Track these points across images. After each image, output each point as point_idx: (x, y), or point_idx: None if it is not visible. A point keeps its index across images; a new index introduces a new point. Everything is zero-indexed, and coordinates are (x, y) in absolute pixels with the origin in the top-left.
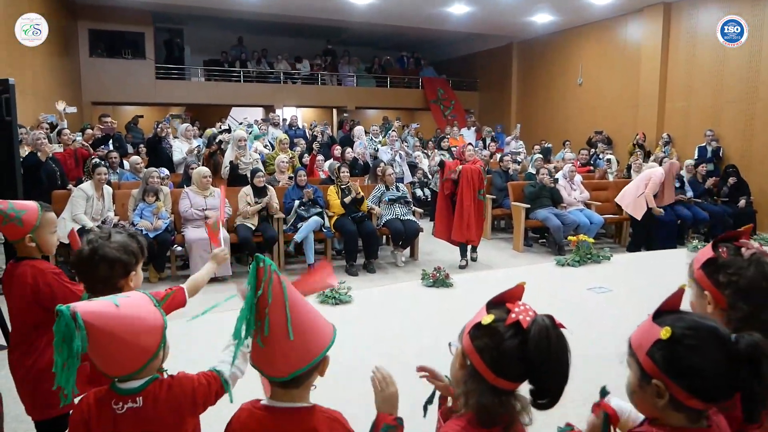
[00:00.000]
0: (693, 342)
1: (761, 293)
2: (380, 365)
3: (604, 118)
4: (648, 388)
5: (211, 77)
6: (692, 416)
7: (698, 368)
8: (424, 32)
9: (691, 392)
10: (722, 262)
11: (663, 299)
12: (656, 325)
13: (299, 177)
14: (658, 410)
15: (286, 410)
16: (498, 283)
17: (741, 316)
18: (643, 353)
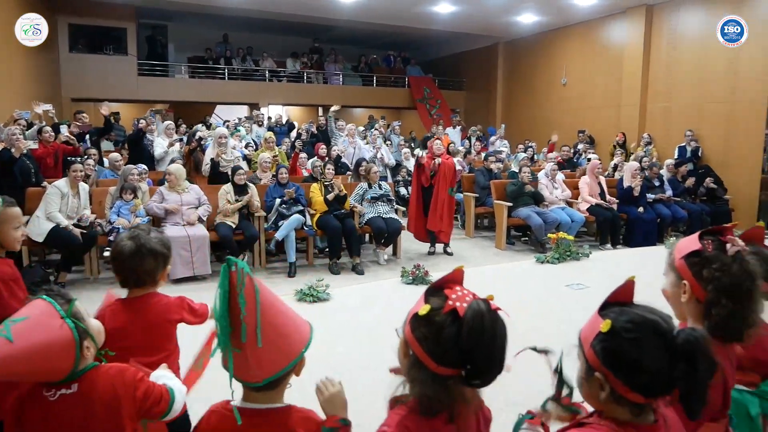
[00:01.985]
0: (632, 336)
1: (743, 292)
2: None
3: (588, 118)
4: (592, 380)
5: (195, 74)
6: (635, 410)
7: (637, 362)
8: (410, 31)
9: (630, 386)
10: (707, 257)
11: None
12: (600, 318)
13: (281, 175)
14: (601, 403)
15: (262, 411)
16: (478, 280)
17: (725, 314)
18: (588, 345)
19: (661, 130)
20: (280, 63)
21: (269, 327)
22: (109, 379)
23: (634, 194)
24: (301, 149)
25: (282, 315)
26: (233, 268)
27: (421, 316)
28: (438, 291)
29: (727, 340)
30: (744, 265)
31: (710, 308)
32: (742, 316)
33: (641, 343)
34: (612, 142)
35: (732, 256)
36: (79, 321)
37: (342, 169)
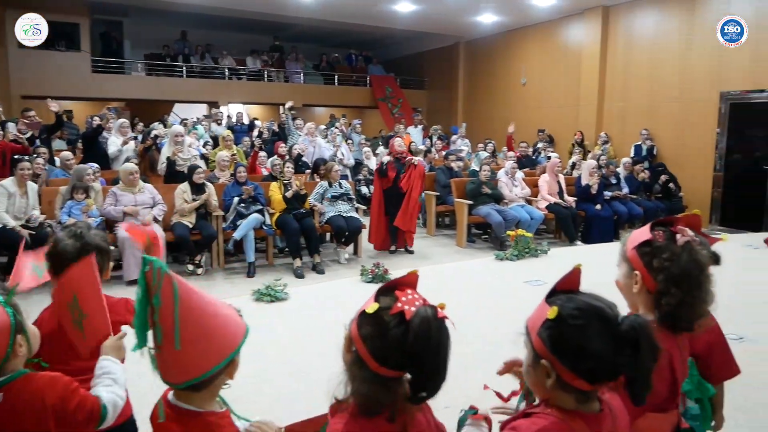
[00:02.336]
0: (578, 322)
1: (692, 281)
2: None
3: (547, 118)
4: (538, 367)
5: (152, 72)
6: (581, 398)
7: (582, 348)
8: (372, 30)
9: (576, 372)
10: (657, 246)
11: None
12: (547, 305)
13: (239, 173)
14: (548, 391)
15: (183, 412)
16: (438, 278)
17: (675, 303)
18: (535, 333)
19: (618, 129)
20: (240, 61)
21: (190, 329)
22: (39, 390)
23: (592, 192)
24: (260, 148)
25: (207, 316)
26: (147, 268)
27: (368, 314)
28: (389, 291)
29: (677, 330)
30: (693, 255)
31: (660, 298)
32: (691, 306)
33: (587, 330)
34: (571, 141)
35: (681, 246)
36: (17, 313)
37: (302, 168)
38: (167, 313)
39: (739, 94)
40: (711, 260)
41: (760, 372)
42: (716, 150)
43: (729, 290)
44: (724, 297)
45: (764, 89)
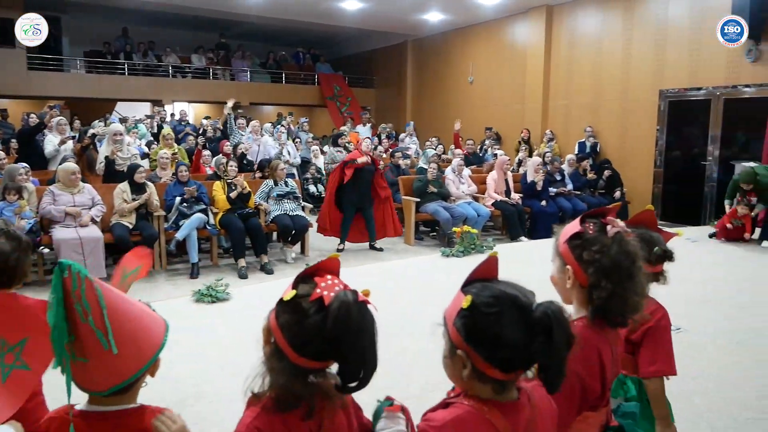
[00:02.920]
0: (492, 310)
1: (623, 273)
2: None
3: (494, 116)
4: (455, 358)
5: (92, 69)
6: (497, 387)
7: (496, 336)
8: (320, 28)
9: (491, 361)
10: (587, 239)
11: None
12: (462, 294)
13: (180, 172)
14: (465, 381)
15: (109, 414)
16: (384, 275)
17: (605, 296)
18: (451, 323)
19: (562, 127)
20: (184, 59)
21: (120, 331)
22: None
23: (537, 188)
24: (203, 146)
25: (133, 316)
26: (66, 273)
27: (285, 301)
28: (308, 278)
29: (611, 325)
30: (623, 246)
31: (592, 291)
32: (622, 298)
33: (501, 318)
34: (517, 139)
35: (611, 237)
36: None
37: (247, 167)
38: (97, 317)
39: (678, 92)
40: (662, 256)
41: (694, 361)
42: (656, 147)
43: (668, 283)
44: (663, 290)
45: (701, 87)
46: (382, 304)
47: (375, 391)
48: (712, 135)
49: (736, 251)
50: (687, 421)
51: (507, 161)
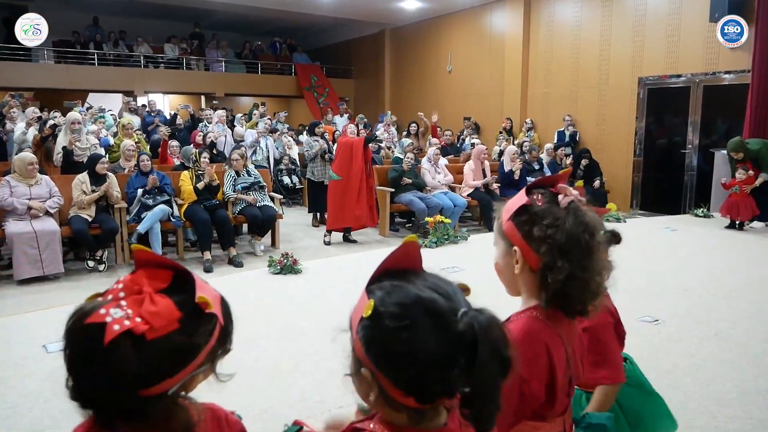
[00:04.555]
0: (399, 322)
1: (582, 249)
2: None
3: (473, 105)
4: (360, 376)
5: (61, 60)
6: (414, 416)
7: (405, 356)
8: (296, 17)
9: (400, 387)
10: (536, 212)
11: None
12: (366, 296)
13: (142, 162)
14: (372, 405)
15: None
16: (355, 267)
17: (563, 278)
18: (355, 331)
19: (541, 116)
20: (157, 49)
21: None
22: None
23: (515, 178)
24: (170, 136)
25: None
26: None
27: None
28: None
29: (569, 314)
30: (579, 217)
31: (546, 274)
32: (583, 281)
33: (410, 332)
34: (497, 128)
35: (565, 207)
36: None
37: (217, 158)
38: None
39: (657, 79)
40: (610, 239)
41: (669, 354)
42: (635, 135)
43: (646, 273)
44: (641, 279)
45: (680, 74)
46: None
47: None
48: (691, 122)
49: (714, 239)
50: None
51: (484, 150)
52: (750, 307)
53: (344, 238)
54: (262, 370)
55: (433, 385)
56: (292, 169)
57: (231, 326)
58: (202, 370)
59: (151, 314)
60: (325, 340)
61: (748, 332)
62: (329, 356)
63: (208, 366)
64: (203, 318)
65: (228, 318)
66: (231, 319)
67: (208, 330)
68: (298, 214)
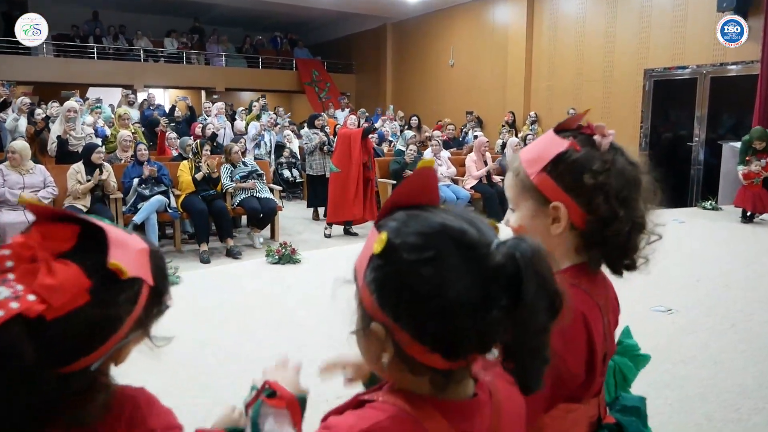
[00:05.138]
0: (420, 254)
1: (639, 192)
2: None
3: (475, 99)
4: (369, 334)
5: (61, 54)
6: (438, 381)
7: (428, 299)
8: (297, 12)
9: (422, 341)
10: (578, 158)
11: None
12: (376, 232)
13: (140, 152)
14: (385, 370)
15: None
16: (350, 258)
17: (628, 229)
18: (361, 278)
19: (545, 109)
20: (157, 43)
21: None
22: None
23: None
24: (165, 127)
25: None
26: None
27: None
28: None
29: (617, 273)
30: (627, 156)
31: (597, 229)
32: (642, 228)
33: (435, 265)
34: (499, 122)
35: (608, 150)
36: None
37: (217, 149)
38: None
39: (663, 71)
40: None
41: (684, 346)
42: (641, 128)
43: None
44: (651, 269)
45: (686, 65)
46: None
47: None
48: (698, 115)
49: (724, 231)
50: (680, 412)
51: (485, 142)
52: (765, 298)
53: (345, 231)
54: (259, 361)
55: (464, 336)
56: (292, 162)
57: (165, 282)
58: (129, 339)
59: (48, 289)
60: (323, 330)
61: (765, 324)
62: (327, 347)
63: (138, 333)
64: (123, 284)
65: (160, 274)
66: (165, 273)
67: (130, 297)
68: (299, 207)
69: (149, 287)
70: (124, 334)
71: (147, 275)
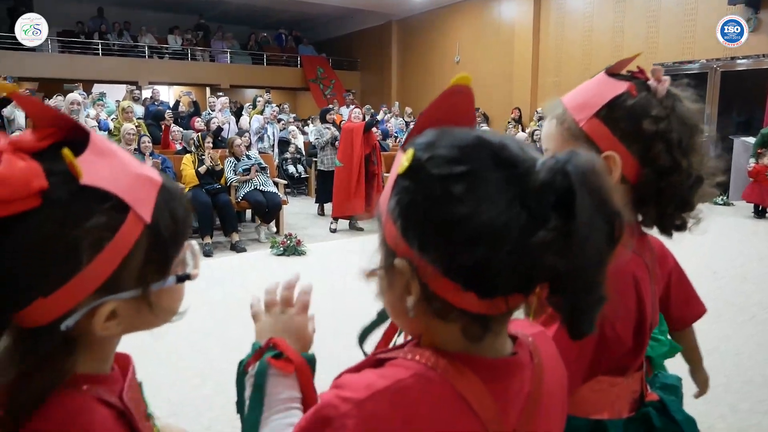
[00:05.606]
0: (453, 168)
1: (700, 141)
2: None
3: (481, 96)
4: (392, 274)
5: (65, 50)
6: (472, 329)
7: (462, 223)
8: (302, 8)
9: (454, 275)
10: (636, 104)
11: None
12: (402, 153)
13: (143, 144)
14: (413, 319)
15: None
16: (356, 251)
17: (692, 182)
18: (385, 209)
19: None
20: (162, 40)
21: None
22: None
23: None
24: (170, 121)
25: None
26: None
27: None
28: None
29: (667, 232)
30: (686, 102)
31: (652, 183)
32: (702, 181)
33: (469, 184)
34: (505, 119)
35: (666, 95)
36: None
37: (221, 143)
38: None
39: (672, 65)
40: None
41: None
42: None
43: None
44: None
45: (696, 60)
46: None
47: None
48: (708, 110)
49: (738, 226)
50: (704, 402)
51: None
52: None
53: (350, 226)
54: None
55: (503, 268)
56: (297, 158)
57: (177, 233)
58: (110, 297)
59: None
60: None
61: None
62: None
63: (128, 293)
64: (96, 201)
65: (170, 218)
66: (177, 221)
67: (104, 222)
68: (304, 203)
69: (145, 225)
70: (96, 280)
71: (142, 207)
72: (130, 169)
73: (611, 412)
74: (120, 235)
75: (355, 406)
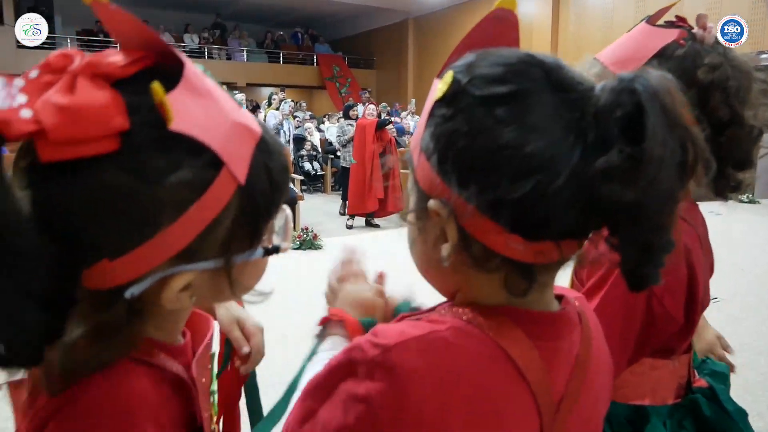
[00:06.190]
0: (497, 88)
1: (752, 92)
2: None
3: None
4: (426, 219)
5: (84, 48)
6: (515, 281)
7: (507, 153)
8: (318, 7)
9: (495, 214)
10: (687, 53)
11: None
12: (438, 81)
13: None
14: (449, 273)
15: None
16: (374, 247)
17: (750, 137)
18: (416, 149)
19: None
20: (178, 38)
21: None
22: None
23: None
24: None
25: None
26: None
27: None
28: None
29: (723, 191)
30: (735, 51)
31: (714, 141)
32: (760, 135)
33: (516, 107)
34: None
35: (713, 44)
36: None
37: None
38: None
39: None
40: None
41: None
42: None
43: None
44: None
45: None
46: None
47: None
48: None
49: (764, 222)
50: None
51: None
52: None
53: (367, 223)
54: (270, 341)
55: (558, 202)
56: (313, 155)
57: (274, 198)
58: (186, 267)
59: (54, 109)
60: None
61: None
62: None
63: (210, 263)
64: (183, 151)
65: (269, 180)
66: (279, 185)
67: (190, 180)
68: (321, 201)
69: (237, 187)
70: (175, 245)
71: (237, 164)
72: (228, 114)
73: (653, 398)
74: (207, 197)
75: (384, 351)
